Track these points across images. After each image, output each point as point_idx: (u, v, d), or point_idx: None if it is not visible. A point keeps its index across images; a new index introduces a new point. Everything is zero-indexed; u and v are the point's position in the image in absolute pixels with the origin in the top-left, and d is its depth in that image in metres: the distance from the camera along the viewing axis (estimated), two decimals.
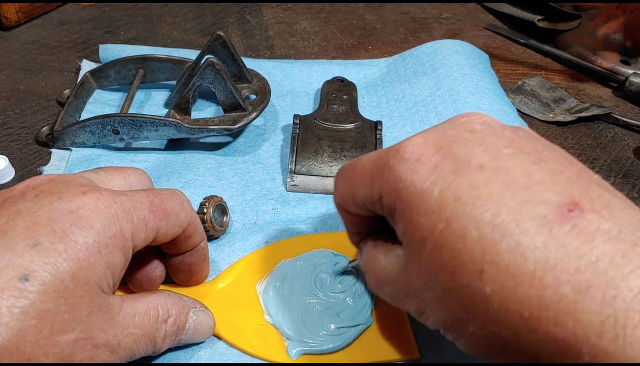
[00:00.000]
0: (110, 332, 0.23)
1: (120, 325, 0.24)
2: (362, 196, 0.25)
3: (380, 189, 0.24)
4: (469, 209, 0.20)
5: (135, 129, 0.40)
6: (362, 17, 0.65)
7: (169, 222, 0.26)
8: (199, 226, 0.29)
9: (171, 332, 0.27)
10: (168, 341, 0.27)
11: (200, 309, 0.28)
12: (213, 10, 0.65)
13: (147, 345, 0.25)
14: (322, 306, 0.31)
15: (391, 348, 0.30)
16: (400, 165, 0.22)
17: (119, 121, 0.40)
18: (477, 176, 0.21)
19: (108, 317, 0.23)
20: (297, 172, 0.40)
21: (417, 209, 0.22)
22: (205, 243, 0.30)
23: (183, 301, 0.28)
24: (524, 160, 0.21)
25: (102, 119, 0.40)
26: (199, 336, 0.29)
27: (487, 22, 0.65)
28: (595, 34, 0.57)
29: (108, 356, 0.23)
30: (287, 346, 0.29)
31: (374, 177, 0.24)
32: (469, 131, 0.23)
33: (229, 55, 0.45)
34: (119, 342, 0.24)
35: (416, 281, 0.23)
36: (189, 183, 0.39)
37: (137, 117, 0.40)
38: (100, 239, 0.23)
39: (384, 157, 0.24)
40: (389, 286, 0.25)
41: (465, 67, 0.50)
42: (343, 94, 0.47)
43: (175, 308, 0.27)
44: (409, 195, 0.22)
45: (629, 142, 0.47)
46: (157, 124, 0.40)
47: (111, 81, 0.48)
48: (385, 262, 0.25)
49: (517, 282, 0.19)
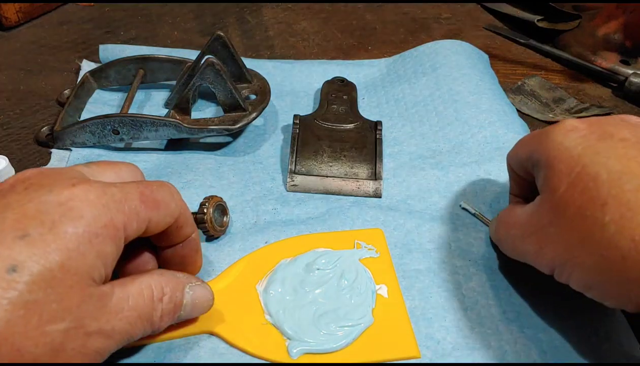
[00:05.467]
0: (103, 319, 0.23)
1: (114, 310, 0.24)
2: (521, 154, 0.31)
3: (535, 148, 0.29)
4: (604, 160, 0.25)
5: (135, 129, 0.40)
6: (362, 17, 0.65)
7: (159, 212, 0.26)
8: (190, 217, 0.29)
9: (168, 310, 0.26)
10: (166, 319, 0.27)
11: (196, 283, 0.28)
12: (213, 10, 0.65)
13: (144, 325, 0.25)
14: (323, 306, 0.31)
15: (391, 347, 0.30)
16: (556, 131, 0.28)
17: (119, 121, 0.40)
18: (618, 144, 0.26)
19: (100, 305, 0.23)
20: (297, 172, 0.40)
21: (559, 158, 0.27)
22: (196, 234, 0.30)
23: (177, 278, 0.27)
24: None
25: (102, 119, 0.40)
26: (198, 310, 0.29)
27: (487, 22, 0.65)
28: (595, 34, 0.57)
29: (102, 342, 0.23)
30: (287, 345, 0.29)
31: (532, 139, 0.30)
32: (623, 120, 0.28)
33: (229, 56, 0.45)
34: (113, 327, 0.23)
35: (544, 218, 0.27)
36: (189, 183, 0.39)
37: (137, 118, 0.40)
38: (91, 229, 0.23)
39: (545, 129, 0.30)
40: (516, 229, 0.30)
41: (465, 67, 0.50)
42: (343, 94, 0.47)
43: (169, 286, 0.27)
44: (556, 150, 0.27)
45: None
46: (157, 124, 0.40)
47: (111, 81, 0.48)
48: (520, 211, 0.30)
49: (635, 213, 0.23)
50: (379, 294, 0.32)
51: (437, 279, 0.33)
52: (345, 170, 0.40)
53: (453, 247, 0.35)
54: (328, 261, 0.33)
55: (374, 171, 0.40)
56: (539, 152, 0.29)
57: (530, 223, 0.29)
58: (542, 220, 0.28)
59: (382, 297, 0.32)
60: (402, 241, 0.36)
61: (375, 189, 0.40)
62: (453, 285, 0.33)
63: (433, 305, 0.32)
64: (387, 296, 0.32)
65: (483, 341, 0.30)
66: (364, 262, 0.34)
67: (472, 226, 0.37)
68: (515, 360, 0.29)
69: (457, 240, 0.36)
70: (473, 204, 0.38)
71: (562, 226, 0.26)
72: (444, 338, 0.30)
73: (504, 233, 0.32)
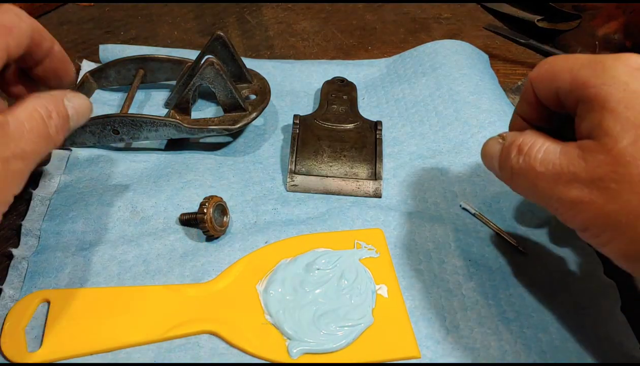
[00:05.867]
0: (11, 145, 0.25)
1: (16, 136, 0.26)
2: (562, 81, 0.26)
3: (586, 81, 0.25)
4: None
5: (135, 129, 0.40)
6: (362, 17, 0.65)
7: (13, 35, 0.28)
8: (44, 31, 0.31)
9: (59, 124, 0.29)
10: (61, 132, 0.29)
11: (71, 95, 0.30)
12: (213, 10, 0.65)
13: (47, 142, 0.28)
14: (323, 306, 0.31)
15: (391, 347, 0.30)
16: (619, 68, 0.24)
17: (119, 121, 0.40)
18: None
19: (2, 134, 0.25)
20: (297, 172, 0.40)
21: (627, 104, 0.23)
22: (58, 46, 0.32)
23: (52, 95, 0.29)
24: None
25: (102, 119, 0.40)
26: (83, 117, 0.31)
27: (487, 22, 0.65)
28: (595, 34, 0.57)
29: (20, 165, 0.26)
30: (288, 345, 0.29)
31: (582, 68, 0.25)
32: None
33: (229, 56, 0.45)
34: (23, 149, 0.26)
35: (598, 169, 0.24)
36: (189, 183, 0.39)
37: (137, 118, 0.40)
38: None
39: (600, 58, 0.25)
40: (546, 167, 0.26)
41: (465, 67, 0.50)
42: (343, 94, 0.47)
43: (50, 103, 0.29)
44: (621, 92, 0.23)
45: None
46: (156, 124, 0.40)
47: (111, 81, 0.48)
48: (551, 147, 0.26)
49: None
50: (379, 294, 0.32)
51: (437, 279, 0.33)
52: (345, 170, 0.40)
53: (453, 247, 0.36)
54: (328, 261, 0.33)
55: (374, 171, 0.40)
56: (594, 89, 0.24)
57: (572, 168, 0.25)
58: (595, 171, 0.24)
59: (382, 297, 0.32)
60: (402, 241, 0.36)
61: (375, 189, 0.40)
62: (453, 285, 0.33)
63: (433, 305, 0.32)
64: (387, 296, 0.32)
65: (483, 341, 0.30)
66: (364, 262, 0.34)
67: (472, 226, 0.37)
68: (515, 360, 0.29)
69: (457, 240, 0.36)
70: (473, 204, 0.38)
71: (624, 184, 0.23)
72: (444, 338, 0.30)
73: (523, 166, 0.27)
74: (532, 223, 0.37)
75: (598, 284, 0.33)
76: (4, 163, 0.25)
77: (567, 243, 0.35)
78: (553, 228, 0.36)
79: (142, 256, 0.34)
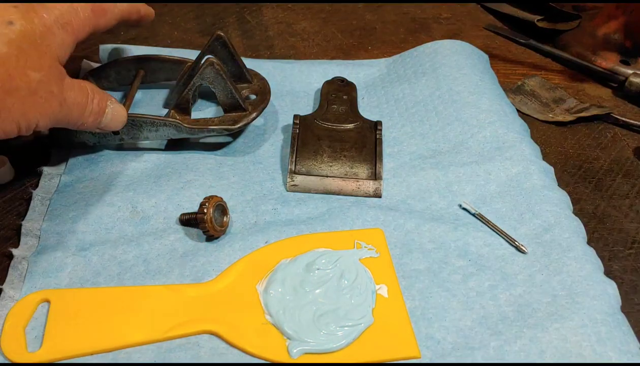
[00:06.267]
0: (60, 88, 0.32)
1: (67, 86, 0.32)
2: None
3: None
4: None
5: (135, 129, 0.40)
6: (362, 17, 0.65)
7: (106, 18, 0.36)
8: (137, 7, 0.39)
9: (95, 110, 0.35)
10: (92, 118, 0.35)
11: (115, 102, 0.37)
12: (213, 11, 0.65)
13: (80, 112, 0.34)
14: (323, 306, 0.31)
15: (391, 347, 0.30)
16: None
17: None
18: None
19: (60, 77, 0.32)
20: (297, 172, 0.40)
21: None
22: (146, 10, 0.40)
23: (102, 91, 0.36)
24: None
25: None
26: (115, 123, 0.37)
27: (487, 22, 0.65)
28: (595, 34, 0.57)
29: (57, 106, 0.32)
30: (288, 345, 0.29)
31: None
32: None
33: (228, 55, 0.45)
34: (66, 98, 0.32)
35: None
36: (189, 183, 0.39)
37: (137, 118, 0.40)
38: (60, 20, 0.32)
39: None
40: None
41: (464, 67, 0.50)
42: (343, 94, 0.47)
43: (97, 93, 0.35)
44: None
45: (629, 142, 0.47)
46: (157, 125, 0.40)
47: (111, 81, 0.48)
48: None
49: None
50: (379, 294, 0.32)
51: (437, 279, 0.33)
52: (345, 170, 0.40)
53: (453, 247, 0.35)
54: (328, 261, 0.33)
55: (374, 171, 0.40)
56: None
57: None
58: None
59: (382, 297, 0.32)
60: (402, 241, 0.36)
61: (375, 189, 0.40)
62: (453, 285, 0.33)
63: (433, 305, 0.32)
64: (387, 296, 0.32)
65: (483, 341, 0.30)
66: (364, 262, 0.34)
67: (472, 226, 0.37)
68: (515, 360, 0.29)
69: (457, 240, 0.36)
70: (473, 204, 0.38)
71: None
72: (444, 338, 0.30)
73: None
74: (532, 223, 0.37)
75: (598, 284, 0.33)
76: (50, 94, 0.31)
77: (567, 243, 0.35)
78: (553, 228, 0.36)
79: (142, 256, 0.34)
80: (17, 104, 0.30)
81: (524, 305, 0.32)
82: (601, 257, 0.35)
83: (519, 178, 0.40)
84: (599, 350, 0.29)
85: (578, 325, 0.30)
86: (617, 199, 0.41)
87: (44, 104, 0.31)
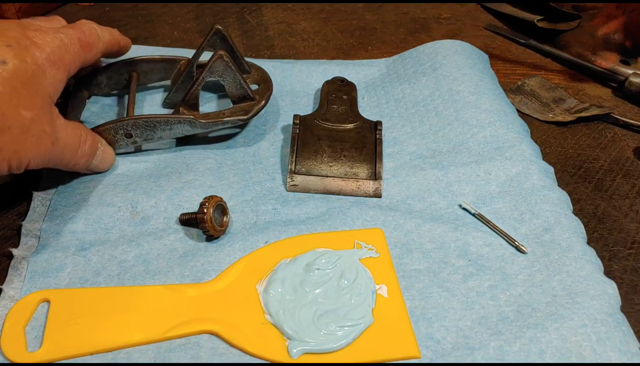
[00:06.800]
0: (54, 128, 0.32)
1: (60, 126, 0.33)
2: None
3: None
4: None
5: (149, 130, 0.40)
6: (362, 17, 0.65)
7: (92, 52, 0.37)
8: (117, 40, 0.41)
9: (87, 152, 0.36)
10: (83, 160, 0.36)
11: (105, 144, 0.39)
12: (213, 11, 0.65)
13: (72, 153, 0.35)
14: (323, 306, 0.31)
15: (391, 347, 0.30)
16: None
17: (132, 123, 0.39)
18: None
19: (53, 118, 0.33)
20: (297, 172, 0.40)
21: None
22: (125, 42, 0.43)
23: (93, 133, 0.38)
24: None
25: (114, 124, 0.39)
26: (105, 164, 0.39)
27: (487, 22, 0.65)
28: (595, 34, 0.57)
29: (49, 145, 0.32)
30: (288, 345, 0.29)
31: None
32: None
33: (228, 48, 0.45)
34: (58, 138, 0.33)
35: None
36: (189, 183, 0.39)
37: (151, 118, 0.39)
38: (51, 58, 0.33)
39: None
40: None
41: (464, 67, 0.50)
42: (343, 94, 0.47)
43: (89, 135, 0.37)
44: None
45: (629, 142, 0.47)
46: (171, 123, 0.40)
47: (102, 88, 0.46)
48: None
49: None
50: (378, 294, 0.32)
51: (437, 279, 0.33)
52: (345, 170, 0.40)
53: (453, 247, 0.36)
54: (328, 261, 0.33)
55: (373, 171, 0.40)
56: None
57: None
58: None
59: (382, 297, 0.32)
60: (402, 241, 0.36)
61: (375, 189, 0.40)
62: (453, 285, 0.33)
63: (433, 305, 0.32)
64: (387, 296, 0.32)
65: (483, 341, 0.30)
66: (364, 262, 0.34)
67: (472, 226, 0.37)
68: (515, 360, 0.29)
69: (457, 240, 0.36)
70: (473, 204, 0.38)
71: None
72: (444, 338, 0.30)
73: None
74: (532, 223, 0.37)
75: (598, 284, 0.33)
76: (43, 133, 0.32)
77: (566, 243, 0.35)
78: (553, 228, 0.36)
79: (142, 256, 0.34)
80: (8, 143, 0.30)
81: (524, 305, 0.32)
82: (601, 257, 0.35)
83: (519, 178, 0.40)
84: (599, 350, 0.29)
85: (578, 325, 0.30)
86: (617, 199, 0.41)
87: (36, 142, 0.31)
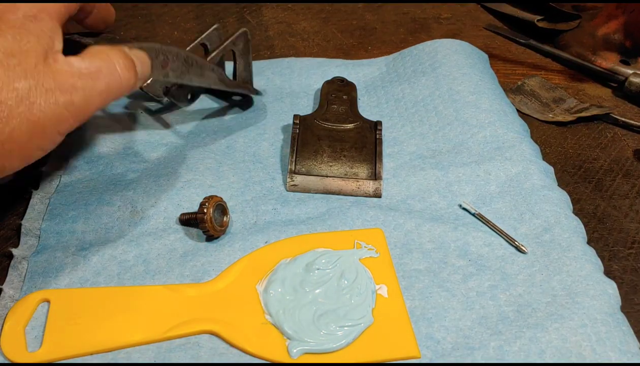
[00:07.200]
0: (59, 79, 0.28)
1: (66, 73, 0.28)
2: None
3: None
4: None
5: (185, 66, 0.38)
6: (362, 17, 0.65)
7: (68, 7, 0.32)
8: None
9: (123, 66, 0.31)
10: (126, 75, 0.31)
11: (134, 48, 0.32)
12: (213, 11, 0.65)
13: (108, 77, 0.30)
14: (323, 306, 0.31)
15: (391, 347, 0.30)
16: None
17: (175, 52, 0.37)
18: None
19: (54, 68, 0.28)
20: (297, 172, 0.40)
21: None
22: None
23: (114, 47, 0.32)
24: None
25: (160, 45, 0.36)
26: (147, 68, 0.33)
27: (487, 22, 0.65)
28: (595, 34, 0.57)
29: (66, 98, 0.28)
30: (288, 345, 0.29)
31: None
32: None
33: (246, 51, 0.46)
34: (74, 85, 0.28)
35: None
36: (189, 183, 0.39)
37: (190, 56, 0.38)
38: (28, 14, 0.29)
39: None
40: None
41: (464, 67, 0.50)
42: (343, 94, 0.47)
43: (112, 51, 0.31)
44: None
45: (629, 143, 0.47)
46: (204, 68, 0.39)
47: None
48: None
49: None
50: (378, 294, 0.32)
51: (437, 279, 0.33)
52: (345, 170, 0.40)
53: (453, 247, 0.35)
54: (328, 261, 0.33)
55: (373, 171, 0.40)
56: None
57: None
58: None
59: (382, 297, 0.32)
60: (402, 241, 0.36)
61: (375, 189, 0.40)
62: (453, 285, 0.33)
63: (433, 305, 0.32)
64: (387, 296, 0.32)
65: (483, 341, 0.30)
66: (364, 262, 0.34)
67: (472, 226, 0.37)
68: (515, 360, 0.29)
69: (457, 240, 0.36)
70: (473, 204, 0.38)
71: None
72: (444, 338, 0.30)
73: None
74: (532, 222, 0.37)
75: (598, 284, 0.33)
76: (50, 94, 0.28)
77: (566, 243, 0.35)
78: (553, 228, 0.36)
79: (142, 256, 0.34)
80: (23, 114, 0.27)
81: (524, 305, 0.32)
82: (601, 257, 0.35)
83: (519, 178, 0.40)
84: (599, 350, 0.29)
85: (578, 325, 0.30)
86: (617, 199, 0.41)
87: (49, 106, 0.28)
